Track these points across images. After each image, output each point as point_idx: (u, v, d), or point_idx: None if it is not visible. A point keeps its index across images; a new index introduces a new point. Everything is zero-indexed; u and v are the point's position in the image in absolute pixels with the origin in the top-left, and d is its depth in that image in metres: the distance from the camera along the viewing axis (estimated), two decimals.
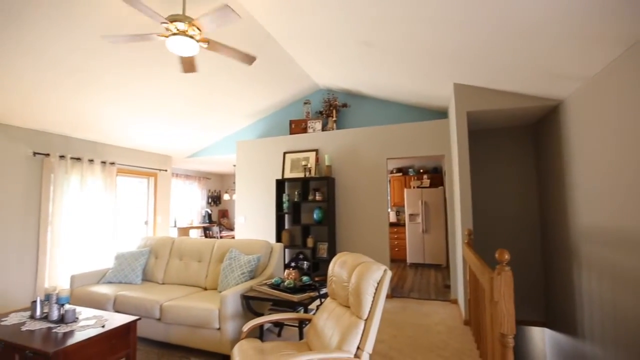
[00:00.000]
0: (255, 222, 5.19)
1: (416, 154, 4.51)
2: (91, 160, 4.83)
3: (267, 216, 5.06)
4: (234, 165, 7.44)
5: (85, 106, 3.97)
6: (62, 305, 2.40)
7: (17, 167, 4.06)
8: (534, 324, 4.20)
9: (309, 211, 4.79)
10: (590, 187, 2.82)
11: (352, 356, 1.69)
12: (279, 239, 4.68)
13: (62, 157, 4.47)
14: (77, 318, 2.38)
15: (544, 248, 4.12)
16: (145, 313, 2.89)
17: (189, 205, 8.28)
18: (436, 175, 7.33)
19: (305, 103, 5.21)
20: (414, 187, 7.27)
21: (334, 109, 5.02)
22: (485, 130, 4.53)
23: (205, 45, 2.56)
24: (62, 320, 2.34)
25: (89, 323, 2.32)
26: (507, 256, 1.77)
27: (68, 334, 2.14)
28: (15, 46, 2.77)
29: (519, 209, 4.35)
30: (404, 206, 7.35)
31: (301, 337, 2.56)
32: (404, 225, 7.31)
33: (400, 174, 7.69)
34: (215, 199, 9.28)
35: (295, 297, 2.47)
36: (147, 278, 3.70)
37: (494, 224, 4.41)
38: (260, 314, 2.73)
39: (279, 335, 3.22)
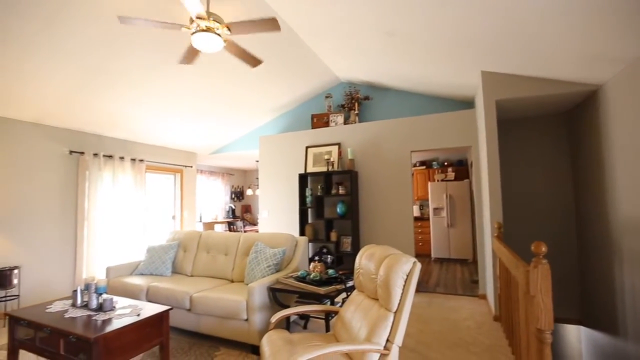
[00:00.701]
0: (278, 216, 5.24)
1: (441, 145, 4.39)
2: (122, 158, 5.03)
3: (290, 210, 5.10)
4: (257, 161, 7.53)
5: (115, 106, 4.13)
6: (101, 294, 2.52)
7: (56, 165, 4.29)
8: (569, 321, 4.02)
9: (332, 205, 4.79)
10: (637, 176, 2.63)
11: (382, 348, 1.67)
12: (302, 233, 4.71)
13: (95, 155, 4.68)
14: (114, 307, 2.49)
15: (580, 241, 3.92)
16: (176, 304, 2.98)
17: (213, 200, 8.48)
18: (461, 168, 7.13)
19: (326, 97, 5.19)
20: (438, 181, 7.11)
21: (355, 102, 4.97)
22: (515, 120, 4.34)
23: (224, 44, 2.59)
24: (100, 308, 2.46)
25: (125, 312, 2.43)
26: (543, 248, 1.69)
27: (107, 322, 2.25)
28: (51, 51, 2.91)
29: (551, 201, 4.15)
30: (427, 200, 7.21)
31: (328, 329, 2.57)
32: (428, 219, 7.18)
33: (424, 167, 7.53)
34: (238, 195, 9.46)
35: (322, 290, 2.48)
36: (176, 270, 3.83)
37: (524, 216, 4.23)
38: (287, 306, 2.76)
39: (304, 327, 3.25)
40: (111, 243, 4.76)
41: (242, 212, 9.49)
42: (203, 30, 2.40)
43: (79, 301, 2.56)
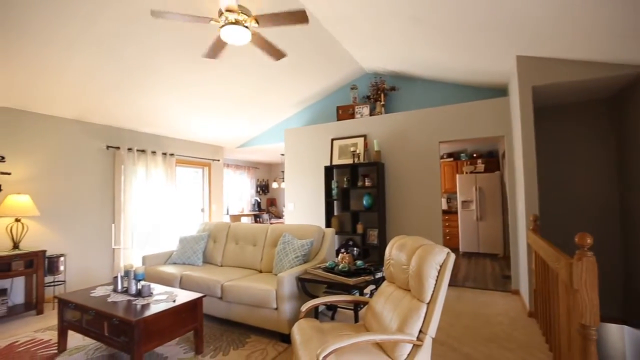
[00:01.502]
0: (304, 208, 5.28)
1: (471, 136, 4.24)
2: (154, 152, 5.22)
3: (316, 203, 5.12)
4: (282, 154, 7.60)
5: (147, 101, 4.28)
6: (139, 281, 2.65)
7: (95, 160, 4.52)
8: (611, 320, 3.79)
9: (358, 197, 4.76)
10: None
11: (415, 339, 1.65)
12: (328, 225, 4.72)
13: (129, 149, 4.89)
14: (151, 293, 2.61)
15: (625, 236, 3.68)
16: (208, 292, 3.08)
17: (239, 194, 8.67)
18: (491, 160, 6.86)
19: (352, 88, 5.13)
20: (466, 173, 6.88)
21: (381, 92, 4.88)
22: (551, 107, 4.10)
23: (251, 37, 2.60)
24: (139, 294, 2.59)
25: (162, 298, 2.54)
26: (589, 240, 1.60)
27: (145, 306, 2.36)
28: (90, 50, 3.05)
29: (590, 195, 3.91)
30: (455, 193, 7.01)
31: (356, 320, 2.57)
32: (455, 212, 6.99)
33: (452, 159, 7.31)
34: (263, 188, 9.61)
35: (351, 280, 2.47)
36: (207, 260, 3.95)
37: (559, 210, 4.02)
38: (315, 296, 2.78)
39: (332, 318, 3.27)
40: (145, 233, 4.98)
41: (267, 205, 9.65)
42: (232, 23, 2.42)
43: (119, 287, 2.71)
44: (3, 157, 3.63)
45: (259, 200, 9.17)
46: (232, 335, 2.89)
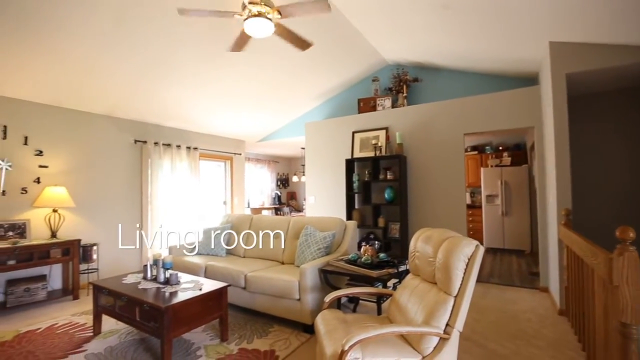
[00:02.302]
0: (324, 201, 5.28)
1: (499, 127, 4.08)
2: (178, 146, 5.36)
3: (337, 196, 5.11)
4: (302, 148, 7.62)
5: (172, 96, 4.39)
6: (167, 269, 2.74)
7: (124, 154, 4.69)
8: None
9: (380, 190, 4.71)
10: None
11: (441, 332, 1.63)
12: (349, 218, 4.71)
13: (156, 143, 5.04)
14: (179, 281, 2.70)
15: None
16: (232, 282, 3.15)
17: (259, 187, 8.78)
18: (518, 153, 6.60)
19: (373, 80, 5.05)
20: (491, 166, 6.66)
21: (404, 84, 4.79)
22: (585, 96, 3.89)
23: (274, 29, 2.60)
24: (167, 282, 2.68)
25: (189, 286, 2.62)
26: (631, 234, 1.51)
27: (174, 294, 2.44)
28: (119, 47, 3.15)
29: (631, 185, 3.69)
30: (479, 187, 6.81)
31: (379, 312, 2.56)
32: (479, 207, 6.80)
33: (476, 152, 7.09)
34: (283, 182, 9.69)
35: (374, 273, 2.46)
36: (230, 252, 4.04)
37: (593, 205, 3.82)
38: (337, 288, 2.78)
39: (354, 310, 3.27)
40: (171, 224, 5.15)
41: (287, 199, 9.73)
42: (255, 16, 2.43)
43: (149, 275, 2.81)
44: (41, 151, 3.83)
45: (279, 193, 9.26)
46: (256, 325, 2.95)
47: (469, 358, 2.34)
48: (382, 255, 2.75)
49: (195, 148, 5.64)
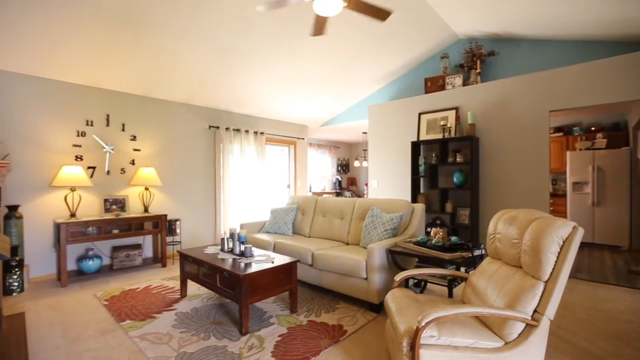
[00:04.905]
0: (387, 186, 5.18)
1: (593, 102, 3.54)
2: (247, 131, 5.67)
3: (401, 180, 4.97)
4: (364, 133, 7.54)
5: (241, 84, 4.63)
6: (242, 242, 2.96)
7: (200, 138, 5.12)
8: None
9: (448, 174, 4.47)
10: None
11: (529, 318, 1.50)
12: (414, 202, 4.56)
13: (227, 129, 5.40)
14: (252, 254, 2.90)
15: None
16: (299, 258, 3.28)
17: (321, 172, 8.93)
18: (617, 134, 5.70)
19: (442, 57, 4.74)
20: (580, 149, 5.87)
21: (477, 59, 4.40)
22: None
23: (345, 4, 2.55)
24: (242, 254, 2.90)
25: (262, 259, 2.80)
26: None
27: (249, 265, 2.63)
28: (196, 37, 3.40)
29: None
30: (563, 173, 6.07)
31: (450, 296, 2.47)
32: (562, 195, 6.07)
33: (561, 133, 6.29)
34: (344, 167, 9.72)
35: (447, 255, 2.36)
36: (295, 231, 4.20)
37: None
38: (405, 269, 2.74)
39: (421, 293, 3.19)
40: (241, 205, 5.52)
41: (347, 184, 9.76)
42: None
43: (226, 247, 3.06)
44: (135, 137, 4.36)
45: (339, 179, 9.32)
46: (323, 301, 3.05)
47: (557, 354, 2.14)
48: (454, 238, 2.62)
49: (262, 133, 5.91)
